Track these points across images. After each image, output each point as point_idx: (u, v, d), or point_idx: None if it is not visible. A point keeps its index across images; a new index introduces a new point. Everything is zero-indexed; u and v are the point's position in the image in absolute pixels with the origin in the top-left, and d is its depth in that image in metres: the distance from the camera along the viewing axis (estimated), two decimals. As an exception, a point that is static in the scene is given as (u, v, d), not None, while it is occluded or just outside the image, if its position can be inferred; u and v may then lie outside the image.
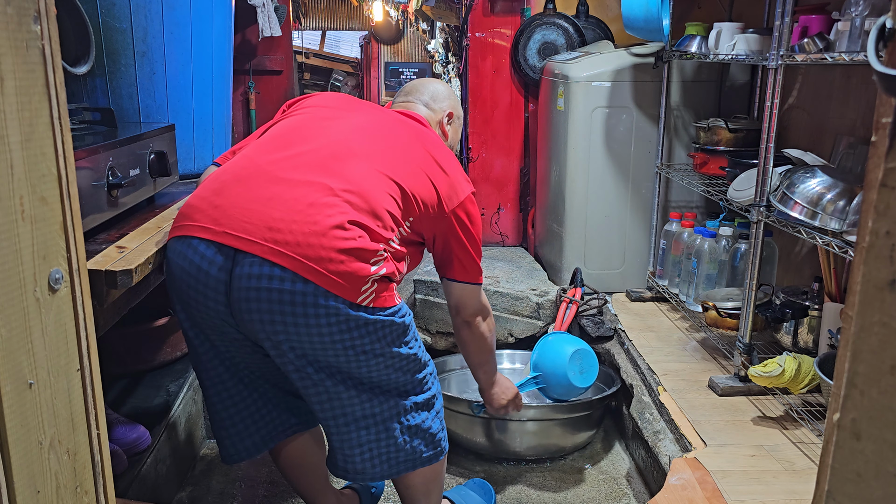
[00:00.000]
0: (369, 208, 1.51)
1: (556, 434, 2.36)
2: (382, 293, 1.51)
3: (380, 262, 1.49)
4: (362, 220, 1.48)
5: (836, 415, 0.61)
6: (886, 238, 0.56)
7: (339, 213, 1.46)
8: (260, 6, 3.06)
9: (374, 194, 1.53)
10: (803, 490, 1.73)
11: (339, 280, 1.43)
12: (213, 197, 1.51)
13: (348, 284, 1.44)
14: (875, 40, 0.58)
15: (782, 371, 1.97)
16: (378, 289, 1.49)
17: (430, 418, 1.67)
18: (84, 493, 0.93)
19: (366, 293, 1.47)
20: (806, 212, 1.91)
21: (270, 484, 2.25)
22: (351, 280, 1.44)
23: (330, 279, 1.43)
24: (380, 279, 1.49)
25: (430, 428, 1.67)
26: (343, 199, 1.49)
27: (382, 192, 1.55)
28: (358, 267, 1.45)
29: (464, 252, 1.77)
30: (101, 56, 1.85)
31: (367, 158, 1.59)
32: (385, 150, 1.64)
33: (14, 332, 0.78)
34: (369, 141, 1.64)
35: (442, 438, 1.71)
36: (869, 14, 1.79)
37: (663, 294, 2.88)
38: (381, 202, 1.53)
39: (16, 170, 0.78)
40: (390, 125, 1.74)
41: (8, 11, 0.76)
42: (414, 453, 1.65)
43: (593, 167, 2.94)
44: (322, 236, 1.43)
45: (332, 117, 1.70)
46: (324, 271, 1.42)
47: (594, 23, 3.42)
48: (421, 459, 1.67)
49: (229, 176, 1.55)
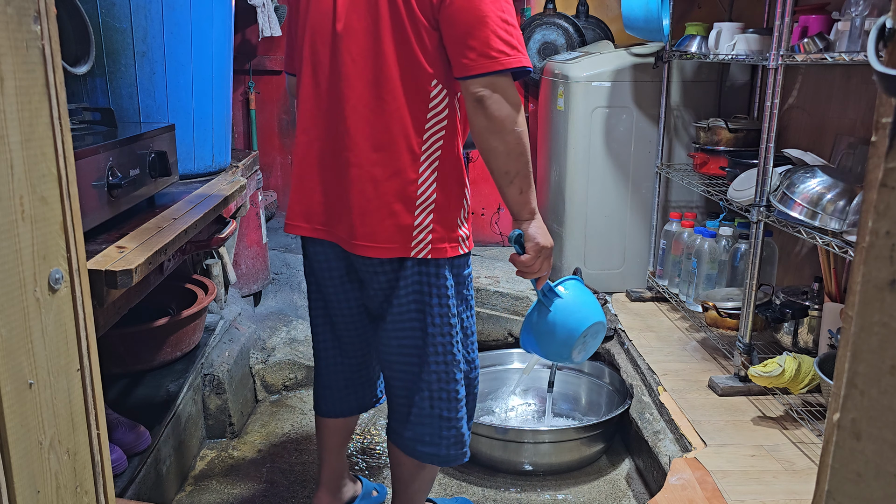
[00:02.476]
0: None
1: (567, 450, 2.32)
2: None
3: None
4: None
5: (836, 415, 0.61)
6: (886, 238, 0.56)
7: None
8: (260, 6, 3.06)
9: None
10: (803, 490, 1.73)
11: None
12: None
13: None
14: (875, 40, 0.58)
15: (782, 371, 1.97)
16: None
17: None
18: (84, 493, 0.93)
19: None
20: (806, 212, 1.91)
21: (270, 484, 2.25)
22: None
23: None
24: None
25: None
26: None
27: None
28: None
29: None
30: (101, 56, 1.85)
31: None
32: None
33: (14, 332, 0.78)
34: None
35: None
36: (869, 14, 1.79)
37: (663, 294, 2.88)
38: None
39: (16, 170, 0.78)
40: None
41: (8, 11, 0.76)
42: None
43: (593, 167, 2.94)
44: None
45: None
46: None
47: (594, 23, 3.42)
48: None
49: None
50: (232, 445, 2.46)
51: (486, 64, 1.41)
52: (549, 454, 2.29)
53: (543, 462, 2.30)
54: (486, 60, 1.41)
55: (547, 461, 2.30)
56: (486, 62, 1.41)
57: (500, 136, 1.46)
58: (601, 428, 2.30)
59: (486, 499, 2.20)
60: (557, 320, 1.72)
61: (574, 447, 2.28)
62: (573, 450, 2.29)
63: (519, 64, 1.42)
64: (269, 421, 2.63)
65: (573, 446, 2.28)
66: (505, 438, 2.27)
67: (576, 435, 2.27)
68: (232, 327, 2.74)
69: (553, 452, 2.29)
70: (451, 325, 1.62)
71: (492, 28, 1.40)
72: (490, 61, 1.41)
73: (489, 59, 1.40)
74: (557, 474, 2.31)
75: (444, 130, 1.54)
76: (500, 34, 1.41)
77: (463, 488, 2.25)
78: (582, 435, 2.27)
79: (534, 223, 1.58)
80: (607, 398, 2.56)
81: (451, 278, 1.61)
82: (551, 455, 2.29)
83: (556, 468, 2.31)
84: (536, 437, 2.27)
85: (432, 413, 1.67)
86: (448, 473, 2.33)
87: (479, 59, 1.41)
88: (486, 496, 2.21)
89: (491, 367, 2.74)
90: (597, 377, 2.63)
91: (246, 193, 2.42)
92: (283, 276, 3.42)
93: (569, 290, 1.76)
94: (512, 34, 1.42)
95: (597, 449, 2.34)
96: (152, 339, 2.21)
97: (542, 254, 1.60)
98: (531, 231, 1.57)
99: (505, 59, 1.41)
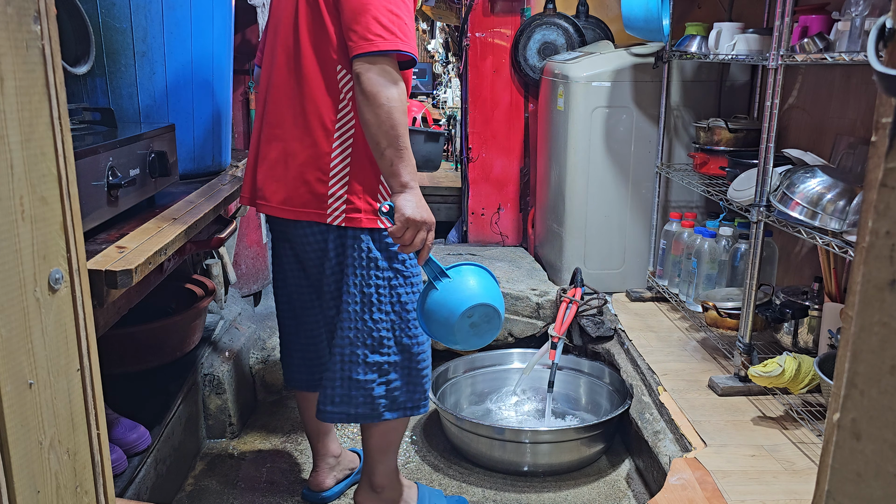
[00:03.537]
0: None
1: (567, 450, 2.32)
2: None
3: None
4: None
5: (836, 415, 0.61)
6: (886, 238, 0.56)
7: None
8: (260, 6, 3.06)
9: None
10: (803, 490, 1.73)
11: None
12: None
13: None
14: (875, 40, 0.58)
15: (782, 371, 1.97)
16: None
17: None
18: (84, 493, 0.93)
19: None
20: (806, 212, 1.91)
21: (270, 484, 2.25)
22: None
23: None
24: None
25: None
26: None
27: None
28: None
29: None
30: (101, 56, 1.85)
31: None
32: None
33: (14, 332, 0.78)
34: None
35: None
36: (869, 14, 1.79)
37: (663, 294, 2.88)
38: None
39: (16, 170, 0.78)
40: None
41: (8, 11, 0.76)
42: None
43: (593, 167, 2.94)
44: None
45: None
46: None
47: (594, 23, 3.42)
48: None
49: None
50: (232, 445, 2.46)
51: (364, 45, 1.57)
52: (548, 454, 2.29)
53: (543, 462, 2.30)
54: (364, 42, 1.57)
55: (547, 461, 2.30)
56: (364, 43, 1.57)
57: (371, 109, 1.58)
58: (601, 428, 2.30)
59: (486, 499, 2.20)
60: (440, 299, 1.71)
61: (574, 447, 2.28)
62: (573, 450, 2.29)
63: (394, 47, 1.57)
64: (269, 421, 2.63)
65: (573, 446, 2.28)
66: (504, 438, 2.27)
67: (576, 435, 2.27)
68: (232, 327, 2.74)
69: (553, 452, 2.29)
70: (365, 293, 1.76)
71: (373, 14, 1.57)
72: (367, 43, 1.57)
73: (366, 41, 1.57)
74: (557, 474, 2.30)
75: (353, 111, 1.70)
76: (382, 20, 1.57)
77: (463, 489, 2.25)
78: (582, 435, 2.27)
79: (404, 195, 1.64)
80: (607, 398, 2.56)
81: (376, 250, 1.76)
82: (551, 455, 2.29)
83: (555, 468, 2.31)
84: (536, 438, 2.27)
85: (342, 374, 1.81)
86: (448, 474, 2.33)
87: (360, 41, 1.58)
88: (486, 496, 2.21)
89: (491, 367, 2.74)
90: (597, 377, 2.63)
91: (246, 193, 2.41)
92: (283, 276, 3.42)
93: (465, 275, 1.74)
94: (394, 22, 1.58)
95: (597, 449, 2.34)
96: (152, 339, 2.21)
97: (410, 225, 1.64)
98: (399, 202, 1.64)
99: (381, 42, 1.57)
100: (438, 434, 2.54)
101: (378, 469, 1.94)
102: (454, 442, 2.43)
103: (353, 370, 1.80)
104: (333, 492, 2.16)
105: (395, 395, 1.84)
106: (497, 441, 2.28)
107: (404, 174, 1.63)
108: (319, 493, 2.15)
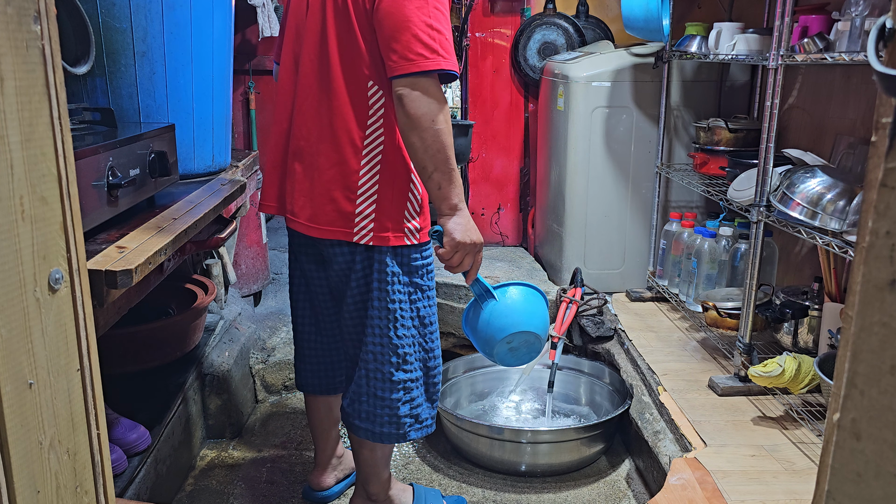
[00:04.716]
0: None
1: (567, 450, 2.31)
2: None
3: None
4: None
5: (836, 415, 0.61)
6: (886, 238, 0.56)
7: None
8: (260, 6, 3.06)
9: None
10: (803, 490, 1.73)
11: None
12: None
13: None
14: (875, 40, 0.58)
15: (782, 371, 1.97)
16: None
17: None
18: (84, 493, 0.93)
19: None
20: (806, 212, 1.91)
21: (270, 484, 2.25)
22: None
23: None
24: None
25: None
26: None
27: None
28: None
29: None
30: (101, 56, 1.85)
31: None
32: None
33: (14, 332, 0.78)
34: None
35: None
36: (869, 14, 1.79)
37: (663, 294, 2.88)
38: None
39: (16, 170, 0.78)
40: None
41: (8, 11, 0.76)
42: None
43: (593, 167, 2.94)
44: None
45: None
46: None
47: (594, 23, 3.42)
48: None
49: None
50: (232, 445, 2.46)
51: (406, 66, 1.51)
52: (548, 454, 2.29)
53: (543, 462, 2.29)
54: (406, 62, 1.51)
55: (547, 461, 2.30)
56: (406, 64, 1.51)
57: (417, 132, 1.54)
58: (601, 428, 2.30)
59: (486, 499, 2.20)
60: (485, 319, 1.81)
61: (574, 447, 2.28)
62: (573, 450, 2.29)
63: (437, 67, 1.52)
64: (269, 421, 2.63)
65: (573, 446, 2.28)
66: (504, 438, 2.27)
67: (575, 435, 2.27)
68: (232, 327, 2.74)
69: (553, 453, 2.29)
70: (390, 310, 1.73)
71: (413, 32, 1.50)
72: (409, 63, 1.51)
73: (408, 61, 1.51)
74: (557, 475, 2.30)
75: (383, 128, 1.65)
76: (423, 38, 1.51)
77: (463, 489, 2.25)
78: (582, 435, 2.27)
79: (454, 219, 1.64)
80: (607, 398, 2.56)
81: (397, 266, 1.72)
82: (551, 455, 2.29)
83: (555, 468, 2.31)
84: (536, 438, 2.27)
85: (368, 391, 1.78)
86: (448, 474, 2.33)
87: (400, 62, 1.52)
88: (486, 497, 2.21)
89: (491, 367, 2.73)
90: (597, 377, 2.63)
91: (246, 193, 2.41)
92: (283, 275, 3.42)
93: (511, 296, 1.82)
94: (435, 38, 1.52)
95: (597, 449, 2.34)
96: (152, 339, 2.21)
97: (459, 249, 1.66)
98: (449, 226, 1.65)
99: (423, 61, 1.51)
100: (438, 434, 2.54)
101: (372, 479, 1.93)
102: (454, 442, 2.43)
103: (379, 387, 1.77)
104: (333, 491, 2.16)
105: (418, 413, 1.81)
106: (497, 441, 2.28)
107: (453, 196, 1.61)
108: (319, 491, 2.15)
